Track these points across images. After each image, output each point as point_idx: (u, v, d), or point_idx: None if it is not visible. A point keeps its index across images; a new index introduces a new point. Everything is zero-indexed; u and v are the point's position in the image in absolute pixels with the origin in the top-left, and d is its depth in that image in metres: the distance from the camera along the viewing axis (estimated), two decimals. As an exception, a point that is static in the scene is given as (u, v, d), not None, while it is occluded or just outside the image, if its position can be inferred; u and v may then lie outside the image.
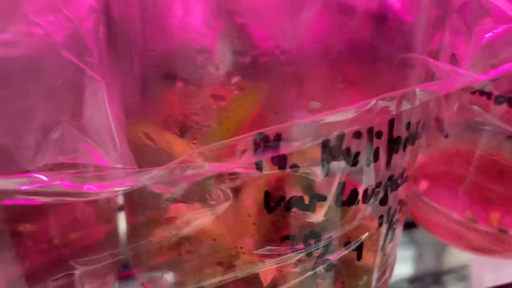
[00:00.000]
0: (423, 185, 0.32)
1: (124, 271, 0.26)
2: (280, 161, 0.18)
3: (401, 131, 0.20)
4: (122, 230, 0.26)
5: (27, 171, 0.18)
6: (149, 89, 0.20)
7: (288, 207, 0.19)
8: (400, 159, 0.21)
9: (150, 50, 0.20)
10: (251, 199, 0.19)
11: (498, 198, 0.29)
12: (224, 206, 0.19)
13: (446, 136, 0.28)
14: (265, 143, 0.17)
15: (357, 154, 0.19)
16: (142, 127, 0.21)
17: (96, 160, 0.18)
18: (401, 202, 0.23)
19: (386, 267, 0.24)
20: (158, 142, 0.20)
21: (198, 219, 0.19)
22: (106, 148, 0.18)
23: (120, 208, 0.26)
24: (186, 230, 0.20)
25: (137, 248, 0.24)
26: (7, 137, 0.17)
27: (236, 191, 0.19)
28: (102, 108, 0.18)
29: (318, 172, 0.18)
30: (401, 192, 0.22)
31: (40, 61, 0.17)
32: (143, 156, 0.21)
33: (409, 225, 0.42)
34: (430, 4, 0.20)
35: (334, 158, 0.18)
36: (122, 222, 0.26)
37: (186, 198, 0.20)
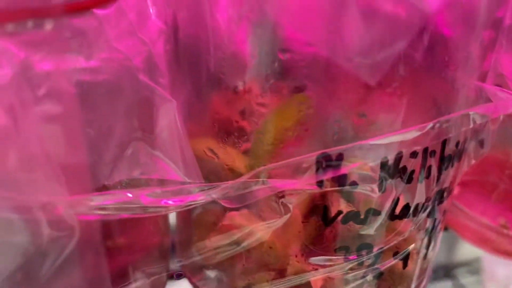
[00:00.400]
0: (455, 189, 0.33)
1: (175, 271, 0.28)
2: (340, 179, 0.19)
3: (451, 150, 0.21)
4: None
5: (104, 186, 0.19)
6: (208, 102, 0.21)
7: (344, 221, 0.20)
8: (448, 175, 0.22)
9: (212, 66, 0.21)
10: (309, 212, 0.21)
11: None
12: (284, 219, 0.20)
13: (482, 145, 0.29)
14: (327, 162, 0.19)
15: (412, 172, 0.20)
16: (205, 142, 0.22)
17: (168, 175, 0.19)
18: (444, 213, 0.24)
19: (425, 275, 0.25)
20: (222, 157, 0.21)
21: (259, 232, 0.21)
22: (176, 163, 0.19)
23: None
24: (248, 242, 0.21)
25: (191, 248, 0.25)
26: (89, 156, 0.18)
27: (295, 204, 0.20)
28: (172, 126, 0.19)
29: (375, 189, 0.20)
30: (446, 204, 0.23)
31: (120, 84, 0.18)
32: (205, 169, 0.22)
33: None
34: (485, 25, 0.21)
35: (391, 176, 0.19)
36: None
37: (246, 209, 0.21)
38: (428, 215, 0.22)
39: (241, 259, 0.23)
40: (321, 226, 0.21)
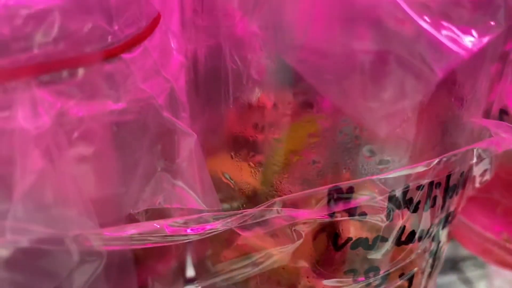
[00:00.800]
0: (460, 203, 0.34)
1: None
2: (350, 210, 0.20)
3: (456, 180, 0.22)
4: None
5: (130, 214, 0.20)
6: (225, 120, 0.23)
7: (353, 247, 0.22)
8: (453, 202, 0.23)
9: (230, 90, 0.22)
10: (320, 237, 0.22)
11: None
12: (296, 245, 0.21)
13: (485, 172, 0.30)
14: (338, 194, 0.20)
15: (418, 202, 0.21)
16: (221, 167, 0.23)
17: (189, 204, 0.21)
18: (449, 234, 0.25)
19: (430, 289, 0.27)
20: (237, 183, 0.23)
21: (274, 255, 0.22)
22: (196, 193, 0.21)
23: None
24: (264, 265, 0.22)
25: (206, 263, 0.27)
26: (117, 187, 0.19)
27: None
28: (193, 157, 0.21)
29: (383, 219, 0.21)
30: (451, 227, 0.24)
31: (145, 122, 0.19)
32: (221, 191, 0.23)
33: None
34: (492, 59, 0.22)
35: (398, 207, 0.21)
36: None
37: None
38: (433, 239, 0.23)
39: (254, 277, 0.24)
40: (331, 250, 0.22)
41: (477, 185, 0.24)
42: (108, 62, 0.18)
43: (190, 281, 0.31)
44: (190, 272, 0.31)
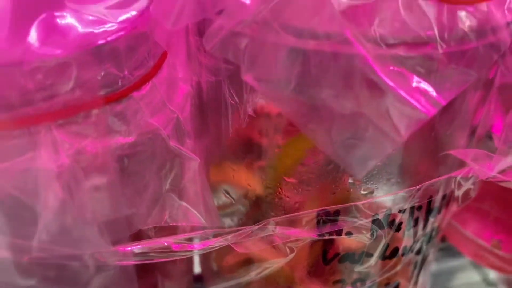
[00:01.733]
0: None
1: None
2: (338, 230, 0.23)
3: (438, 202, 0.24)
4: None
5: (140, 230, 0.23)
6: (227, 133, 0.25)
7: (341, 261, 0.24)
8: (435, 221, 0.25)
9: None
10: (312, 253, 0.24)
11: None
12: (289, 258, 0.24)
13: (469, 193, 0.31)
14: (326, 217, 0.22)
15: (400, 223, 0.23)
16: (223, 185, 0.25)
17: (193, 222, 0.23)
18: (434, 246, 0.27)
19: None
20: (237, 200, 0.25)
21: (273, 265, 0.24)
22: (199, 211, 0.23)
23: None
24: (264, 273, 0.25)
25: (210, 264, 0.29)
26: (128, 209, 0.22)
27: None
28: (196, 180, 0.23)
29: (367, 237, 0.23)
30: (435, 241, 0.26)
31: (153, 151, 0.21)
32: (224, 209, 0.26)
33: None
34: (476, 87, 0.23)
35: (382, 228, 0.23)
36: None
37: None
38: (418, 253, 0.26)
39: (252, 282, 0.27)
40: (321, 263, 0.24)
41: (460, 204, 0.26)
42: (119, 102, 0.20)
43: (198, 278, 0.34)
44: (196, 268, 0.34)
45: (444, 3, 0.17)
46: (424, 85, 0.17)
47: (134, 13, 0.20)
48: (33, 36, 0.18)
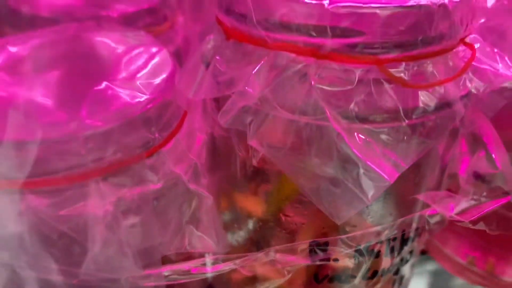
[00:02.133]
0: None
1: None
2: (326, 256, 0.28)
3: (411, 233, 0.29)
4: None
5: (165, 256, 0.28)
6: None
7: (330, 281, 0.29)
8: (410, 247, 0.30)
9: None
10: (306, 274, 0.29)
11: (494, 246, 0.37)
12: (286, 278, 0.29)
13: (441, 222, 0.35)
14: (317, 247, 0.27)
15: (379, 251, 0.28)
16: (231, 211, 0.30)
17: (207, 249, 0.28)
18: (411, 267, 0.32)
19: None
20: (242, 223, 0.30)
21: (274, 284, 0.29)
22: (213, 240, 0.28)
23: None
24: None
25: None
26: (156, 239, 0.27)
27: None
28: (209, 213, 0.28)
29: (351, 262, 0.28)
30: (411, 263, 0.31)
31: (176, 193, 0.26)
32: (231, 230, 0.30)
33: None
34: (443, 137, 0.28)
35: (363, 256, 0.28)
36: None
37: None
38: (396, 273, 0.30)
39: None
40: (314, 282, 0.29)
41: (431, 234, 0.30)
42: (150, 158, 0.25)
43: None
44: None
45: (407, 88, 0.22)
46: (389, 154, 0.22)
47: (161, 85, 0.25)
48: (83, 111, 0.23)
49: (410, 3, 0.21)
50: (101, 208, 0.23)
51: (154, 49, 0.28)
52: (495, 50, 0.25)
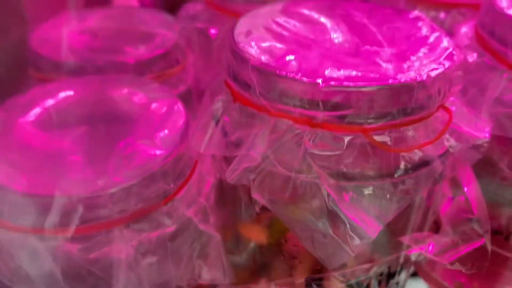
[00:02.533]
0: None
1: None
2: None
3: (397, 268, 0.32)
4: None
5: (178, 286, 0.31)
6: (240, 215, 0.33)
7: (325, 307, 0.32)
8: (397, 279, 0.33)
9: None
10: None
11: (478, 274, 0.41)
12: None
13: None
14: (313, 281, 0.30)
15: (368, 284, 0.31)
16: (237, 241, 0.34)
17: (215, 280, 0.32)
18: (399, 294, 0.35)
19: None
20: (246, 251, 0.33)
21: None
22: (220, 272, 0.32)
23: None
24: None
25: None
26: (171, 273, 0.30)
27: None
28: (217, 250, 0.31)
29: (343, 293, 0.31)
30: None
31: (188, 233, 0.30)
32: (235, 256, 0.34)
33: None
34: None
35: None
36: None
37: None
38: (384, 299, 0.34)
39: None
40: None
41: (415, 265, 0.34)
42: (165, 205, 0.28)
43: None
44: None
45: (390, 152, 0.25)
46: (373, 209, 0.25)
47: (176, 139, 0.28)
48: (110, 169, 0.26)
49: (391, 81, 0.24)
50: (123, 251, 0.27)
51: (168, 102, 0.32)
52: (472, 110, 0.29)
